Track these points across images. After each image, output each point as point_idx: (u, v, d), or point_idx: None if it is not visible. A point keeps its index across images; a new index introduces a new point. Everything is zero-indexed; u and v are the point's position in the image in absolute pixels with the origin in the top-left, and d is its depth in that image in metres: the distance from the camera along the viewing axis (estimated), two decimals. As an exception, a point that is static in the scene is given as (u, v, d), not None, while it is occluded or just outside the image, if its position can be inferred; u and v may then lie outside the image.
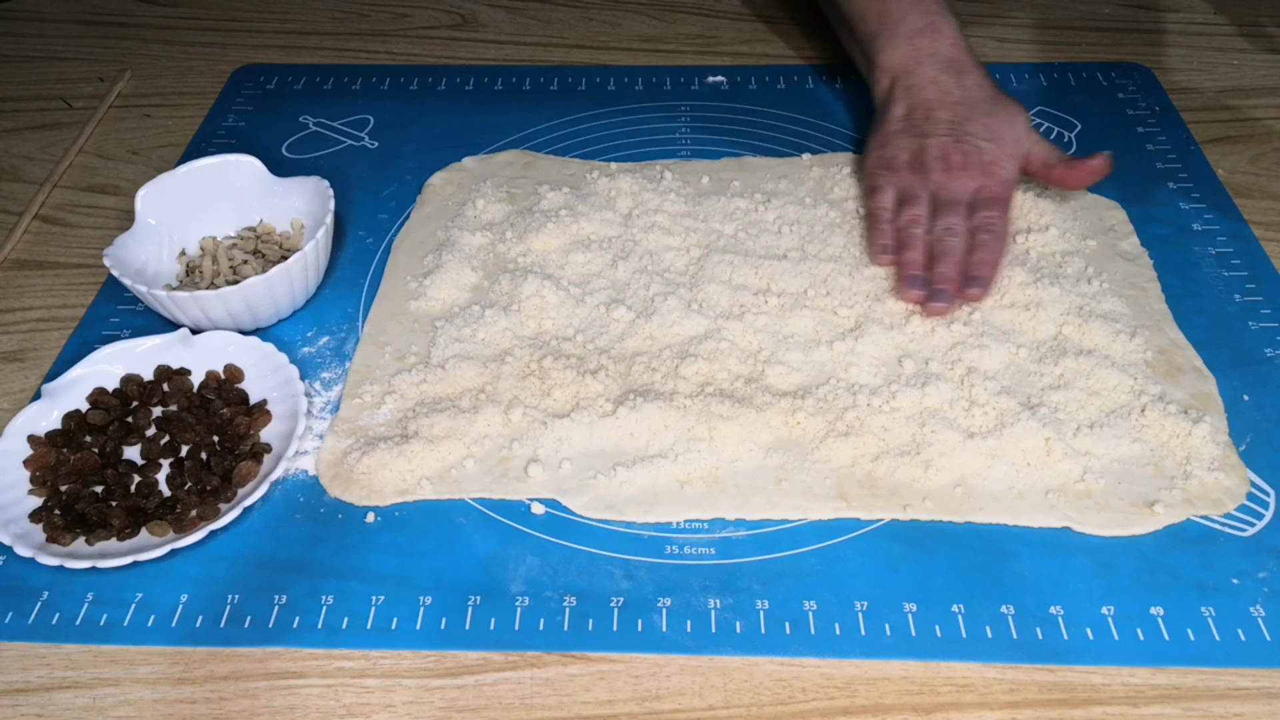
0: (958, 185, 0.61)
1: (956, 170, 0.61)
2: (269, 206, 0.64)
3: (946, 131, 0.62)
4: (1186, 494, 0.49)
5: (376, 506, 0.50)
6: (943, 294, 0.57)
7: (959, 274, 0.57)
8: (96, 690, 0.44)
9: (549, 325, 0.58)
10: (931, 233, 0.59)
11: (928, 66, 0.65)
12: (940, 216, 0.60)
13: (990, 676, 0.44)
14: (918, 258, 0.59)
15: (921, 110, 0.64)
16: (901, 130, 0.64)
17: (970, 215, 0.60)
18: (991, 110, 0.63)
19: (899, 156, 0.63)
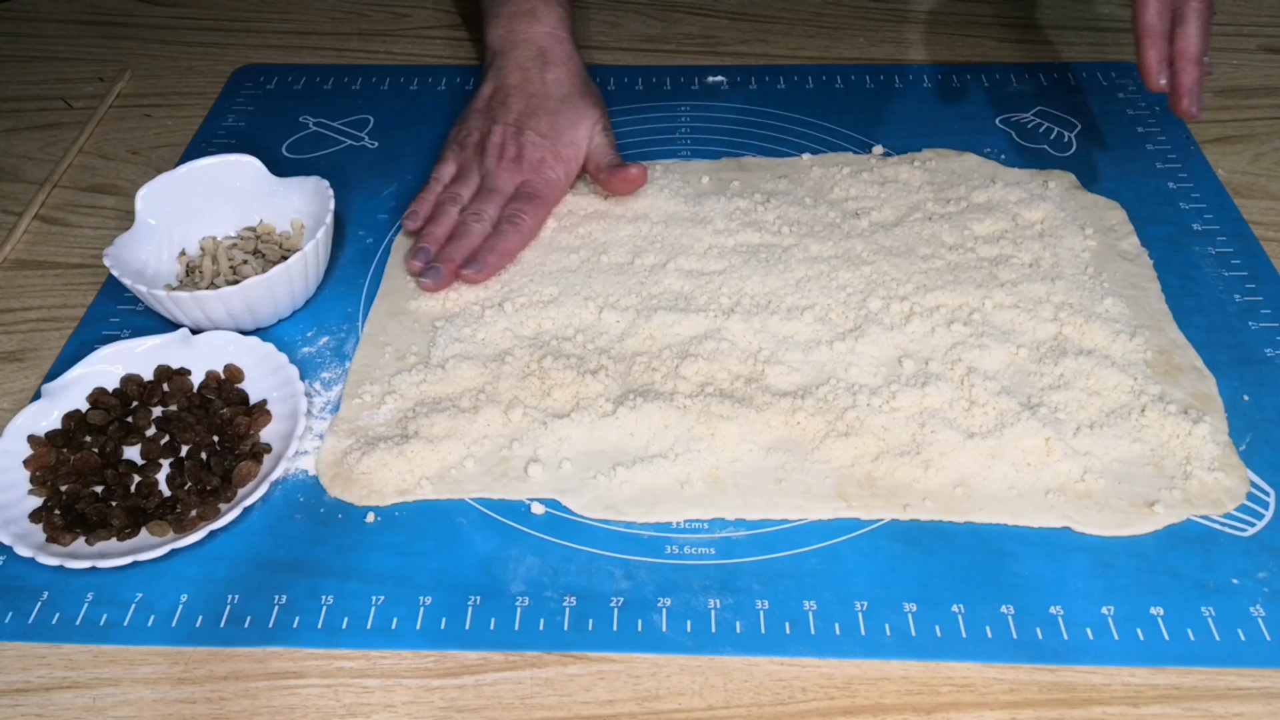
0: (505, 176, 0.64)
1: (508, 161, 0.64)
2: (269, 206, 0.64)
3: (512, 121, 0.65)
4: (1186, 494, 0.49)
5: (376, 506, 0.50)
6: (436, 271, 0.59)
7: (465, 256, 0.60)
8: (96, 690, 0.44)
9: (549, 325, 0.58)
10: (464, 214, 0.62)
11: (519, 51, 0.68)
12: (476, 201, 0.63)
13: (990, 676, 0.44)
14: (439, 232, 0.62)
15: (501, 94, 0.67)
16: (480, 110, 0.67)
17: (506, 206, 0.63)
18: (559, 109, 0.66)
19: (471, 135, 0.66)
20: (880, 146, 0.71)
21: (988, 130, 0.73)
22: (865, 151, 0.71)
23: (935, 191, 0.67)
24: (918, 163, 0.69)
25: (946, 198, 0.66)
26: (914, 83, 0.78)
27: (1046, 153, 0.71)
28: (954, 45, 0.83)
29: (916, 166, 0.69)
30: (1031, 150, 0.71)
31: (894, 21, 0.86)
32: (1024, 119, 0.74)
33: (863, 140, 0.73)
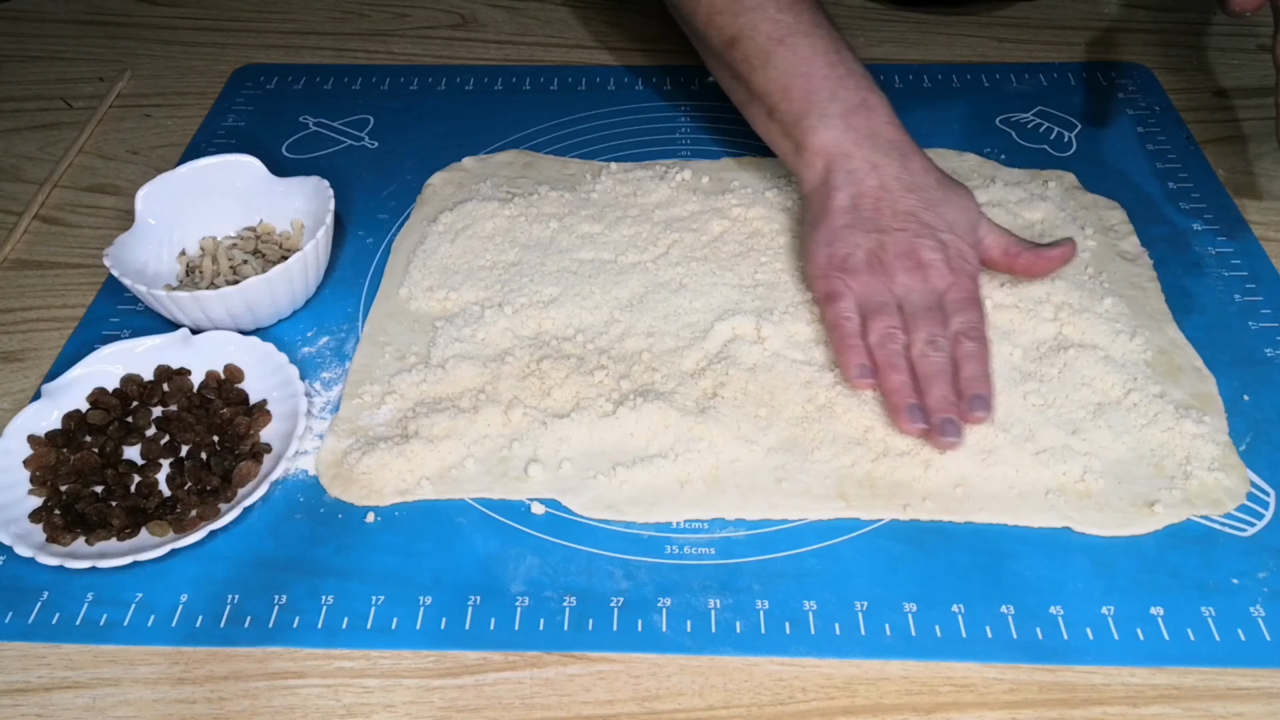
0: (927, 287, 0.54)
1: (924, 269, 0.54)
2: (269, 206, 0.64)
3: (904, 224, 0.55)
4: (1186, 494, 0.49)
5: (376, 506, 0.50)
6: (950, 425, 0.50)
7: (954, 393, 0.51)
8: (96, 690, 0.44)
9: (549, 325, 0.58)
10: (911, 347, 0.53)
11: (867, 149, 0.57)
12: (917, 328, 0.53)
13: (990, 676, 0.44)
14: (906, 380, 0.51)
15: (869, 199, 0.56)
16: (850, 224, 0.56)
17: (946, 322, 0.53)
18: (945, 197, 0.57)
19: (854, 255, 0.55)
20: (880, 146, 0.71)
21: (988, 130, 0.73)
22: (865, 151, 0.71)
23: (935, 191, 0.67)
24: (918, 163, 0.69)
25: (946, 198, 0.66)
26: (914, 83, 0.78)
27: (1046, 153, 0.71)
28: (954, 45, 0.83)
29: (916, 166, 0.69)
30: (1031, 150, 0.71)
31: (894, 21, 0.86)
32: (1024, 119, 0.74)
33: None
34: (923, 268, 0.54)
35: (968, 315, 0.53)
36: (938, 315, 0.53)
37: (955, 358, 0.52)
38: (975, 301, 0.54)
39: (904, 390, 0.51)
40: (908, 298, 0.54)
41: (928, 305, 0.54)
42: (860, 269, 0.55)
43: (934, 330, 0.53)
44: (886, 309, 0.54)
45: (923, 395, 0.51)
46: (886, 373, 0.52)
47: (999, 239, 0.57)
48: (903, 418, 0.51)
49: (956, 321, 0.53)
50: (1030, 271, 0.57)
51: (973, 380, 0.51)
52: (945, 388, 0.51)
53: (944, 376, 0.51)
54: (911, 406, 0.51)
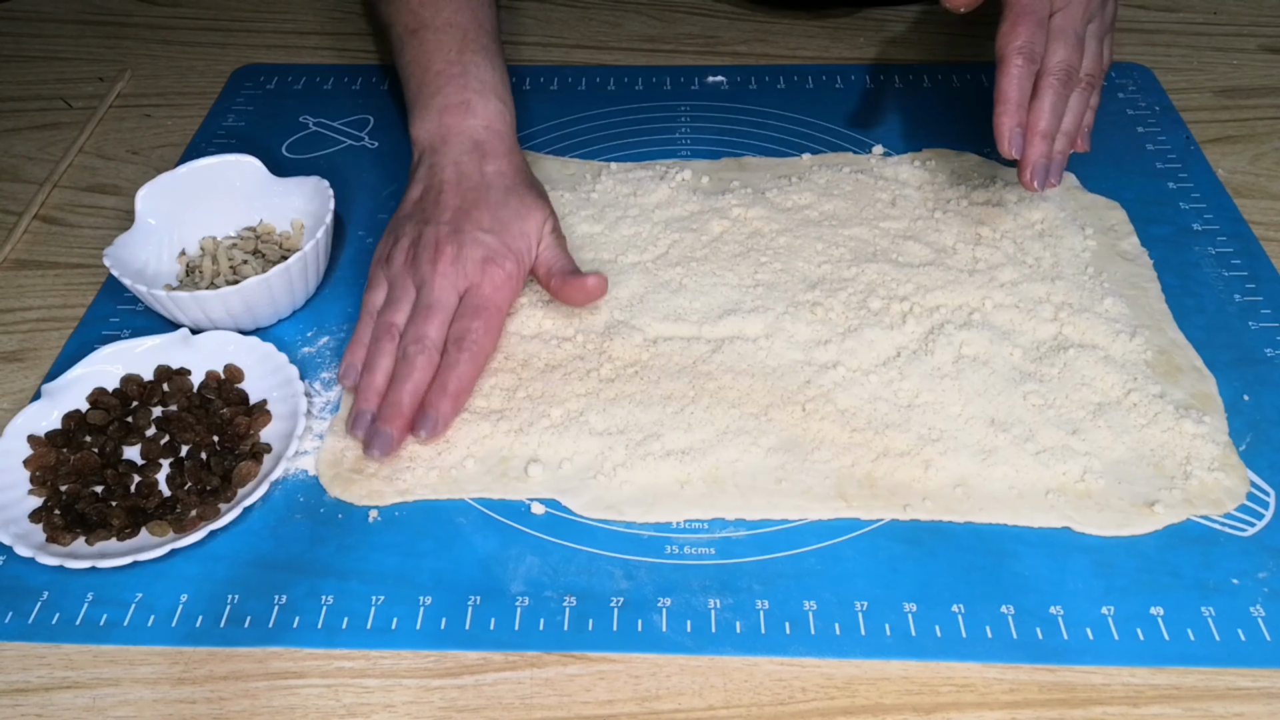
0: (444, 284, 0.54)
1: (447, 264, 0.54)
2: (269, 206, 0.64)
3: (449, 219, 0.56)
4: (1186, 494, 0.49)
5: (376, 506, 0.50)
6: (383, 437, 0.50)
7: (413, 401, 0.51)
8: (96, 690, 0.44)
9: (549, 325, 0.58)
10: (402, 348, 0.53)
11: (452, 146, 0.59)
12: (413, 323, 0.53)
13: (990, 676, 0.44)
14: (377, 382, 0.52)
15: (434, 193, 0.58)
16: (410, 215, 0.58)
17: (451, 325, 0.53)
18: (504, 200, 0.57)
19: (399, 244, 0.56)
20: (880, 146, 0.71)
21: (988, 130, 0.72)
22: (865, 151, 0.71)
23: (935, 191, 0.67)
24: (918, 163, 0.69)
25: (946, 198, 0.66)
26: (914, 83, 0.78)
27: (1046, 153, 0.71)
28: (954, 45, 0.83)
29: (916, 166, 0.69)
30: (1031, 150, 0.71)
31: (894, 21, 0.86)
32: (1024, 119, 0.74)
33: (863, 140, 0.73)
34: (446, 262, 0.54)
35: (472, 323, 0.53)
36: (439, 314, 0.53)
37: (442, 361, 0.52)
38: (487, 310, 0.54)
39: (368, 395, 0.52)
40: (421, 291, 0.54)
41: (434, 302, 0.53)
42: (396, 260, 0.56)
43: (425, 329, 0.53)
44: (400, 302, 0.54)
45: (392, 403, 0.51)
46: (366, 369, 0.53)
47: (549, 258, 0.57)
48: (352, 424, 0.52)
49: (456, 328, 0.53)
50: (560, 296, 0.56)
51: (437, 392, 0.51)
52: (403, 391, 0.51)
53: (410, 379, 0.51)
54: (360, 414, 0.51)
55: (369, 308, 0.56)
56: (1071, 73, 0.55)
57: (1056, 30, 0.55)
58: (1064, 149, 0.57)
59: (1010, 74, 0.54)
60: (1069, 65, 0.55)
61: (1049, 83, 0.55)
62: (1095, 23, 0.58)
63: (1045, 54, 0.55)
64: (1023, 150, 0.55)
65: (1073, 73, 0.55)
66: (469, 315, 0.53)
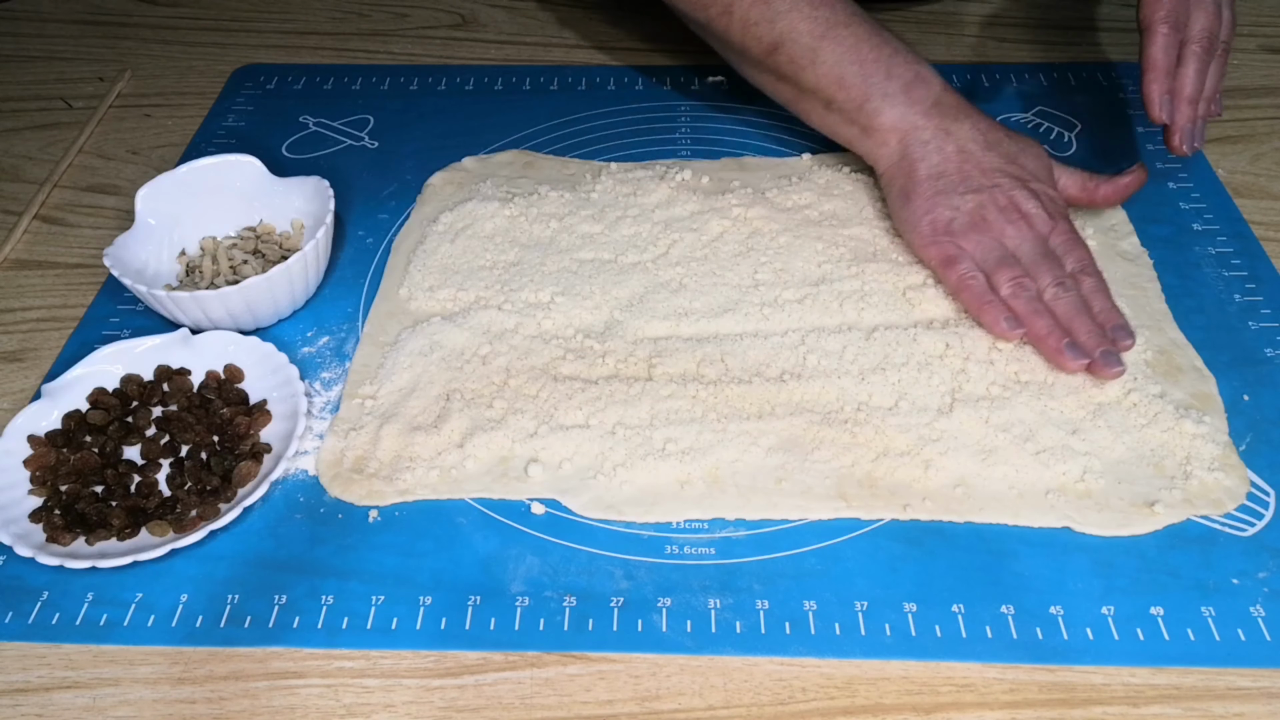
0: (1034, 235, 0.57)
1: (1027, 219, 0.57)
2: (269, 206, 0.64)
3: (995, 180, 0.58)
4: (1186, 494, 0.49)
5: (376, 506, 0.50)
6: (1111, 356, 0.53)
7: (1098, 329, 0.54)
8: (96, 690, 0.44)
9: (549, 325, 0.58)
10: (1043, 293, 0.55)
11: (935, 118, 0.60)
12: (1040, 274, 0.56)
13: (990, 676, 0.44)
14: (1053, 324, 0.54)
15: (953, 164, 0.59)
16: (941, 190, 0.59)
17: (1061, 264, 0.56)
18: (1021, 148, 0.60)
19: (956, 218, 0.58)
20: (880, 146, 0.71)
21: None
22: (865, 151, 0.71)
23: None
24: (918, 163, 0.69)
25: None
26: (914, 83, 0.78)
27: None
28: (954, 45, 0.83)
29: (916, 166, 0.69)
30: (1031, 150, 0.71)
31: (894, 22, 0.86)
32: (1024, 119, 0.74)
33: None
34: (1025, 218, 0.57)
35: (1078, 254, 0.56)
36: (1053, 259, 0.56)
37: (1083, 295, 0.55)
38: (1079, 241, 0.57)
39: (1055, 333, 0.54)
40: (1019, 248, 0.57)
41: (1041, 252, 0.56)
42: (967, 230, 0.57)
43: (1057, 274, 0.55)
44: (1007, 261, 0.56)
45: (1071, 335, 0.54)
46: (1032, 320, 0.54)
47: (1074, 178, 0.61)
48: (1065, 357, 0.53)
49: (1070, 262, 0.56)
50: (1110, 200, 0.61)
51: (1106, 313, 0.55)
52: (1090, 323, 0.54)
53: (1084, 313, 0.54)
54: (1070, 345, 0.53)
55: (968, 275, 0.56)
56: (1214, 39, 0.58)
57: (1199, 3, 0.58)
58: (1205, 113, 0.60)
59: (1158, 42, 0.57)
60: (1211, 32, 0.58)
61: (1193, 50, 0.58)
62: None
63: (1188, 22, 0.58)
64: (1171, 115, 0.58)
65: (1215, 39, 0.58)
66: (1071, 250, 0.57)
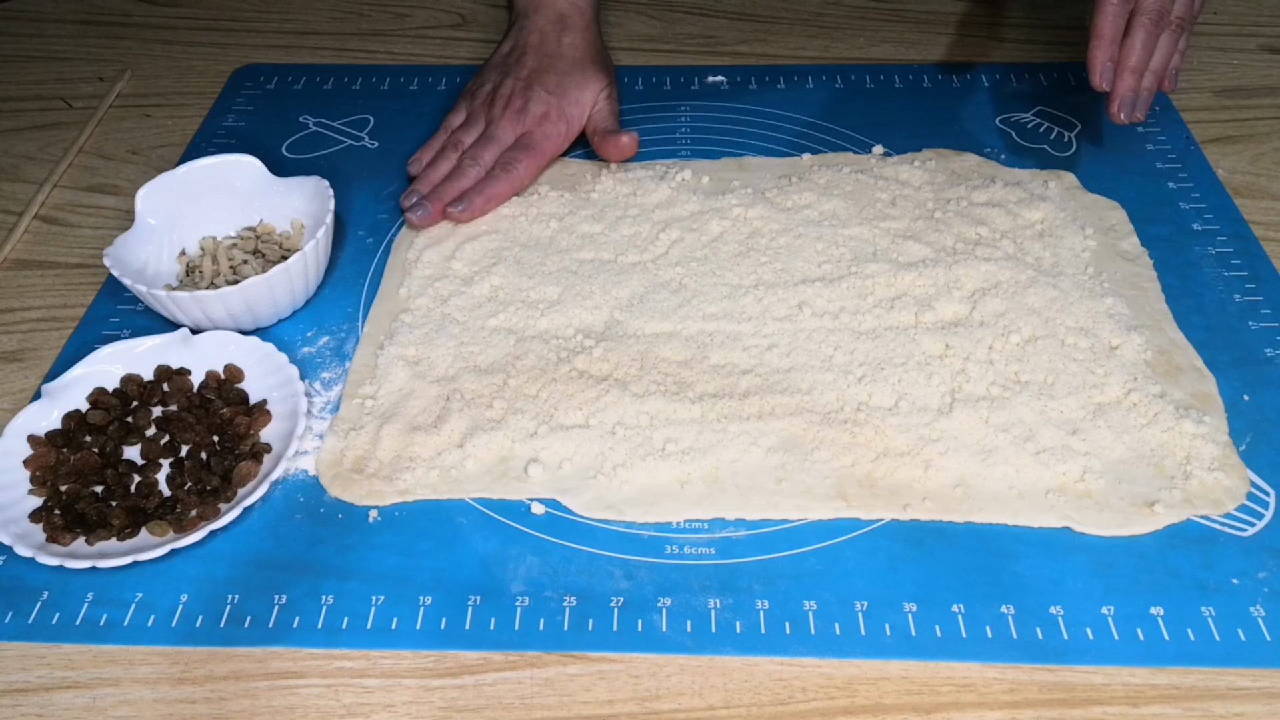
0: (507, 126, 0.67)
1: (513, 112, 0.67)
2: (269, 206, 0.64)
3: (524, 76, 0.68)
4: (1186, 494, 0.49)
5: (376, 506, 0.50)
6: (422, 207, 0.63)
7: (454, 196, 0.64)
8: (96, 690, 0.44)
9: (549, 325, 0.58)
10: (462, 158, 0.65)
11: (541, 15, 0.71)
12: (475, 146, 0.66)
13: (990, 676, 0.44)
14: (434, 176, 0.65)
15: (517, 52, 0.70)
16: (496, 65, 0.71)
17: (504, 155, 0.65)
18: (570, 70, 0.69)
19: (483, 87, 0.69)
20: (880, 146, 0.71)
21: (988, 130, 0.73)
22: (865, 151, 0.71)
23: (935, 191, 0.67)
24: (918, 163, 0.69)
25: (946, 198, 0.66)
26: (914, 83, 0.78)
27: (1046, 153, 0.71)
28: (954, 45, 0.83)
29: (916, 166, 0.69)
30: (1031, 150, 0.71)
31: (894, 21, 0.86)
32: (1024, 119, 0.74)
33: (863, 140, 0.73)
34: (513, 111, 0.67)
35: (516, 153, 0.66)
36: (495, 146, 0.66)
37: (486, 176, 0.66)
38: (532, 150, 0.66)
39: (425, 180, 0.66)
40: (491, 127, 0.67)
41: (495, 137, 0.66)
42: (479, 98, 0.69)
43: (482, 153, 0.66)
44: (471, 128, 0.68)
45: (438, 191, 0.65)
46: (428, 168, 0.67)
47: (597, 121, 0.69)
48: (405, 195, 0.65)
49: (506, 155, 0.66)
50: (600, 151, 0.69)
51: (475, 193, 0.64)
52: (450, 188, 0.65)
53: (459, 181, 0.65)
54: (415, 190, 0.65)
55: (447, 125, 0.69)
56: (1164, 14, 0.59)
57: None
58: (1151, 86, 0.61)
59: (1105, 11, 0.58)
60: (1161, 7, 0.59)
61: (1140, 22, 0.59)
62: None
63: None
64: (1112, 84, 0.59)
65: (1164, 14, 0.59)
66: (517, 149, 0.66)
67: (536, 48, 0.70)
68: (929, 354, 0.56)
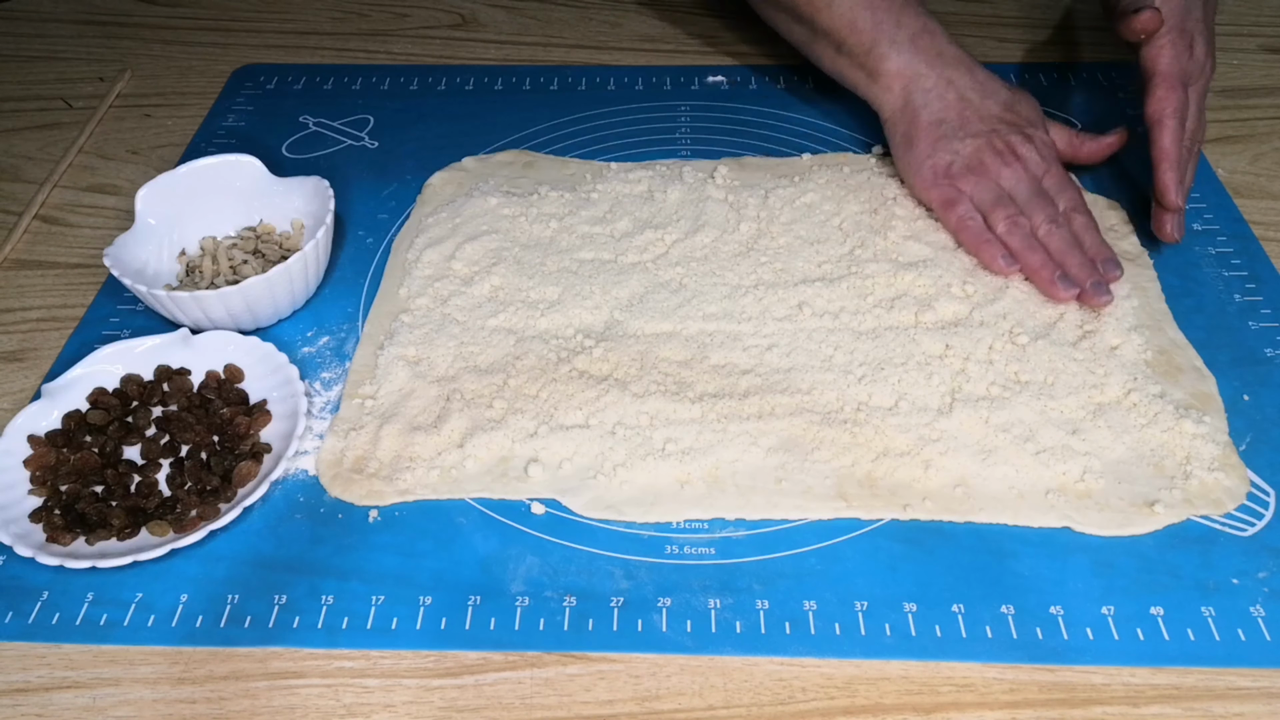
0: (1029, 176, 0.61)
1: (1022, 162, 0.61)
2: (269, 206, 0.64)
3: (993, 126, 0.62)
4: (1186, 494, 0.49)
5: (376, 506, 0.50)
6: (1100, 286, 0.57)
7: (1088, 261, 0.58)
8: (96, 690, 0.44)
9: (549, 325, 0.58)
10: (1036, 230, 0.59)
11: (939, 67, 0.64)
12: (1034, 212, 0.60)
13: (990, 676, 0.44)
14: (1046, 258, 0.58)
15: (954, 111, 0.63)
16: (943, 136, 0.63)
17: (1054, 203, 0.60)
18: (1015, 98, 0.64)
19: (955, 162, 0.62)
20: (880, 147, 0.71)
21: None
22: (865, 151, 0.71)
23: (935, 191, 0.67)
24: (918, 163, 0.69)
25: (946, 198, 0.66)
26: (914, 83, 0.78)
27: (1046, 153, 0.71)
28: (954, 45, 0.83)
29: (916, 166, 0.69)
30: (1031, 150, 0.71)
31: (894, 21, 0.86)
32: (1024, 119, 0.74)
33: (863, 140, 0.73)
34: (1020, 161, 0.61)
35: (1070, 194, 0.61)
36: (1046, 199, 0.60)
37: (1074, 232, 0.59)
38: (1069, 184, 0.62)
39: (1048, 266, 0.58)
40: (1015, 189, 0.61)
41: (1034, 192, 0.61)
42: (965, 173, 0.62)
43: (1050, 211, 0.60)
44: (1003, 202, 0.60)
45: (1063, 268, 0.58)
46: (1026, 255, 0.59)
47: (1062, 131, 0.66)
48: (1058, 288, 0.57)
49: (1063, 201, 0.60)
50: (1094, 157, 0.66)
51: (1096, 247, 0.59)
52: (1081, 257, 0.58)
53: (1075, 248, 0.59)
54: (1061, 276, 0.57)
55: (967, 217, 0.61)
56: (1198, 141, 0.63)
57: (1190, 102, 0.62)
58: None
59: (1171, 135, 0.60)
60: (1195, 135, 0.62)
61: (1187, 149, 0.61)
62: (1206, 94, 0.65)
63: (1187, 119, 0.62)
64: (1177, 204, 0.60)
65: (1198, 141, 0.63)
66: (1063, 190, 0.61)
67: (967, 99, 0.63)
68: (929, 354, 0.56)
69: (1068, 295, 0.57)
